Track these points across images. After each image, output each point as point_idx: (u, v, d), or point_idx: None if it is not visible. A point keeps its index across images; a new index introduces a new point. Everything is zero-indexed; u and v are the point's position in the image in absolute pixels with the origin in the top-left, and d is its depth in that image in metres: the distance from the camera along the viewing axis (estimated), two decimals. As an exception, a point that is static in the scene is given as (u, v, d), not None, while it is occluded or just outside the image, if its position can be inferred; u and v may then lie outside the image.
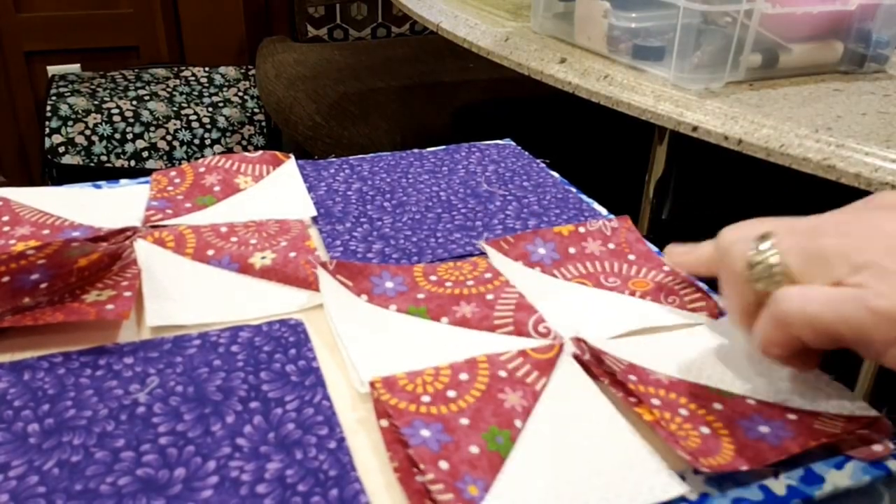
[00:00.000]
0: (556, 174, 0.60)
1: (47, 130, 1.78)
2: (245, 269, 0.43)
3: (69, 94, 1.84)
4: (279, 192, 0.54)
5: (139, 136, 1.81)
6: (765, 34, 0.68)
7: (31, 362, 0.35)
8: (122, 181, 0.56)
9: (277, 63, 1.76)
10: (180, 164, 1.83)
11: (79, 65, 1.98)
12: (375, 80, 1.67)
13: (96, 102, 1.82)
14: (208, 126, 1.88)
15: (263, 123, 1.95)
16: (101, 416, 0.32)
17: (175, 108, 1.87)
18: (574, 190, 0.57)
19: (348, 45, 1.98)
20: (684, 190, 1.06)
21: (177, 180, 0.54)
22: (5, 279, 0.37)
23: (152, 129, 1.82)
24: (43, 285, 0.39)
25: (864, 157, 0.52)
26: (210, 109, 1.90)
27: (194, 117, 1.87)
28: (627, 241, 0.48)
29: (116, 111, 1.82)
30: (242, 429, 0.32)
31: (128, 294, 0.39)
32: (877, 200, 0.35)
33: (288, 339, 0.38)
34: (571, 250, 0.47)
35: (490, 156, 0.63)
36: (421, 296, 0.41)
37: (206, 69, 2.02)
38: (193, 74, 1.99)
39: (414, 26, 2.06)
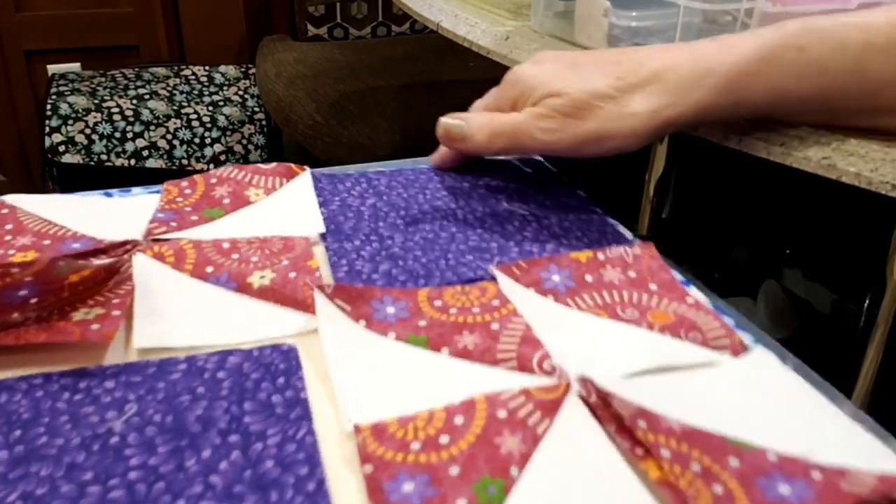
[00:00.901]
0: (581, 193, 0.58)
1: (47, 129, 1.78)
2: (243, 288, 0.42)
3: (69, 92, 1.84)
4: (289, 206, 0.52)
5: (139, 134, 1.81)
6: (765, 33, 0.68)
7: (11, 383, 0.34)
8: (135, 190, 0.54)
9: (277, 62, 1.76)
10: (180, 162, 1.84)
11: (79, 64, 1.98)
12: (375, 79, 1.67)
13: (96, 101, 1.82)
14: (208, 125, 1.88)
15: (264, 122, 1.95)
16: (73, 445, 0.31)
17: (175, 107, 1.87)
18: (599, 211, 0.55)
19: (348, 43, 1.98)
20: (685, 189, 1.06)
21: (187, 191, 0.52)
22: None
23: (152, 127, 1.83)
24: (33, 300, 0.37)
25: (864, 155, 0.52)
26: (210, 108, 1.90)
27: (194, 116, 1.87)
28: (650, 269, 0.45)
29: (116, 110, 1.82)
30: (218, 465, 0.30)
31: (116, 313, 0.38)
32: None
33: (278, 366, 0.36)
34: (588, 278, 0.44)
35: (515, 171, 0.60)
36: (422, 323, 0.39)
37: (207, 68, 2.02)
38: (194, 73, 1.99)
39: (414, 25, 2.07)
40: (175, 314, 0.40)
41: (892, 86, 0.44)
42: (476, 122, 0.49)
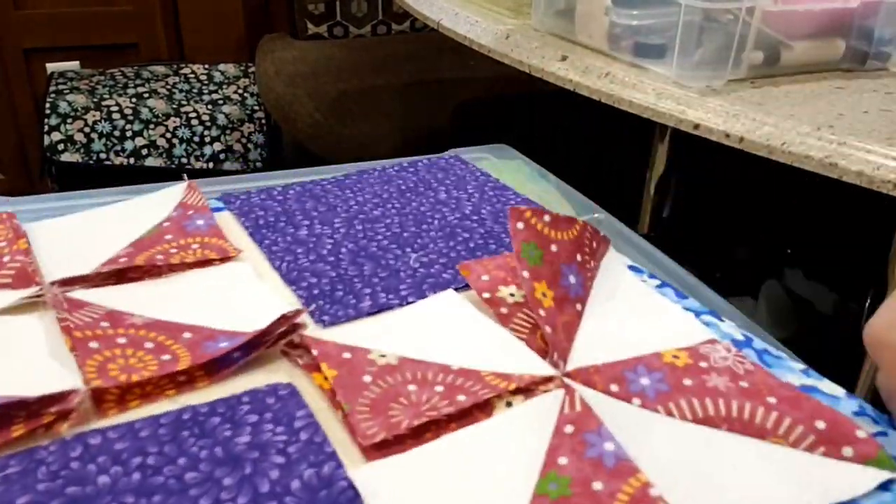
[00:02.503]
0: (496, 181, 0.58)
1: (46, 128, 1.78)
2: None
3: (68, 91, 1.83)
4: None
5: (138, 133, 1.81)
6: (767, 31, 0.67)
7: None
8: None
9: (277, 60, 1.76)
10: (179, 161, 1.83)
11: (78, 62, 1.98)
12: (375, 78, 1.66)
13: (95, 100, 1.82)
14: (208, 124, 1.87)
15: (263, 121, 1.94)
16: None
17: (174, 106, 1.86)
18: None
19: (348, 42, 1.97)
20: (686, 188, 1.06)
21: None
22: None
23: (152, 126, 1.82)
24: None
25: (866, 154, 0.52)
26: (210, 107, 1.90)
27: (194, 115, 1.87)
28: (765, 381, 0.37)
29: (116, 108, 1.81)
30: None
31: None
32: None
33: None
34: (687, 382, 0.36)
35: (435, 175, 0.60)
36: None
37: (206, 66, 2.01)
38: (193, 72, 1.99)
39: (414, 23, 2.06)
40: None
41: None
42: None
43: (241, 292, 0.42)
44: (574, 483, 0.29)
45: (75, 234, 0.47)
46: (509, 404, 0.34)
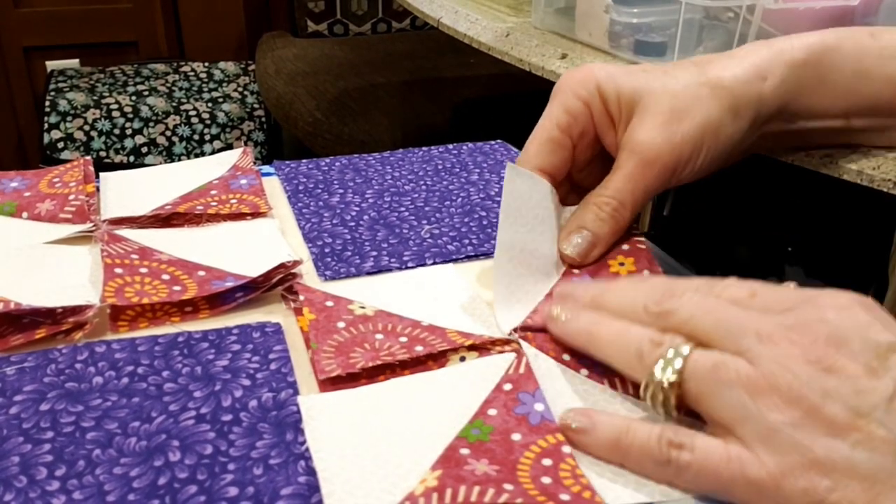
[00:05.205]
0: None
1: (46, 126, 1.78)
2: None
3: (68, 89, 1.83)
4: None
5: (138, 131, 1.81)
6: (767, 29, 0.67)
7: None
8: None
9: (277, 58, 1.76)
10: (179, 159, 1.83)
11: (78, 60, 1.98)
12: (376, 76, 1.66)
13: (95, 98, 1.82)
14: (208, 122, 1.87)
15: (263, 119, 1.94)
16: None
17: (174, 104, 1.86)
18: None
19: (348, 40, 1.97)
20: (686, 186, 1.06)
21: None
22: None
23: (151, 124, 1.82)
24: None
25: (866, 152, 0.52)
26: (210, 105, 1.90)
27: (194, 113, 1.87)
28: None
29: (115, 106, 1.81)
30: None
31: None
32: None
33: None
34: None
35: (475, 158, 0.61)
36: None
37: (206, 64, 2.01)
38: (193, 70, 1.99)
39: (414, 21, 2.06)
40: None
41: None
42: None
43: (259, 243, 0.47)
44: (495, 432, 0.32)
45: (139, 184, 0.54)
46: (463, 359, 0.37)
